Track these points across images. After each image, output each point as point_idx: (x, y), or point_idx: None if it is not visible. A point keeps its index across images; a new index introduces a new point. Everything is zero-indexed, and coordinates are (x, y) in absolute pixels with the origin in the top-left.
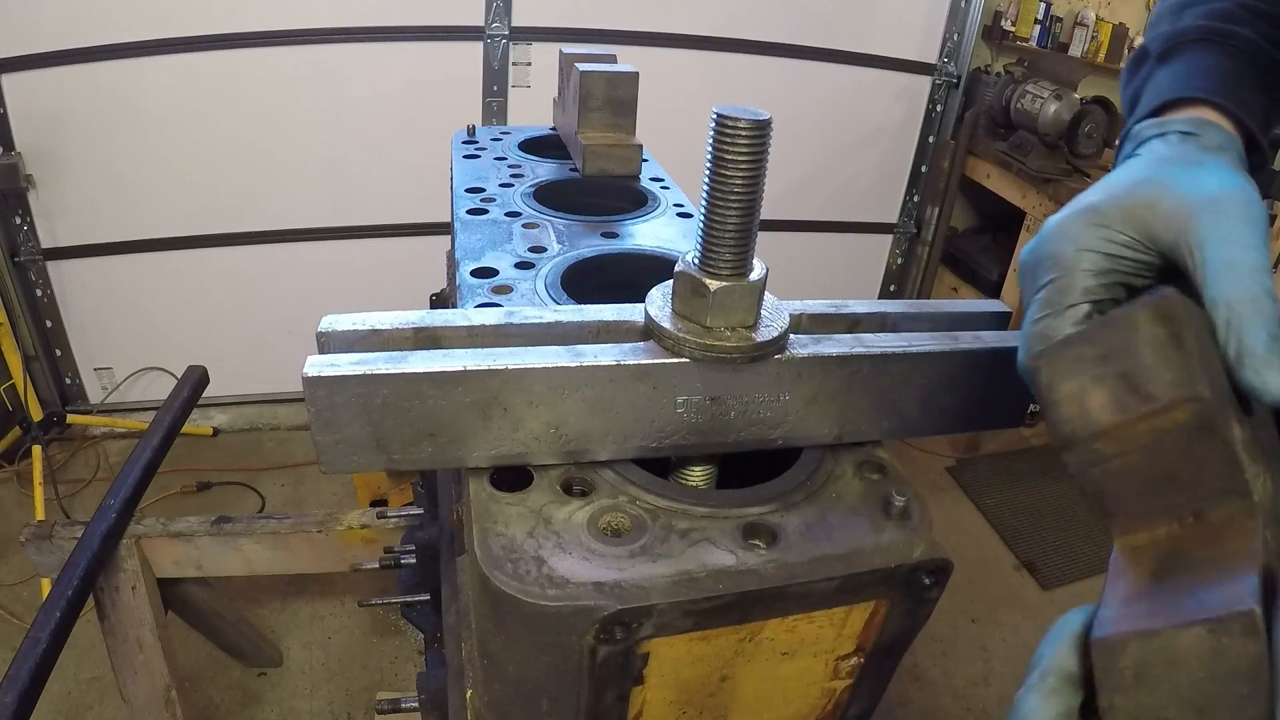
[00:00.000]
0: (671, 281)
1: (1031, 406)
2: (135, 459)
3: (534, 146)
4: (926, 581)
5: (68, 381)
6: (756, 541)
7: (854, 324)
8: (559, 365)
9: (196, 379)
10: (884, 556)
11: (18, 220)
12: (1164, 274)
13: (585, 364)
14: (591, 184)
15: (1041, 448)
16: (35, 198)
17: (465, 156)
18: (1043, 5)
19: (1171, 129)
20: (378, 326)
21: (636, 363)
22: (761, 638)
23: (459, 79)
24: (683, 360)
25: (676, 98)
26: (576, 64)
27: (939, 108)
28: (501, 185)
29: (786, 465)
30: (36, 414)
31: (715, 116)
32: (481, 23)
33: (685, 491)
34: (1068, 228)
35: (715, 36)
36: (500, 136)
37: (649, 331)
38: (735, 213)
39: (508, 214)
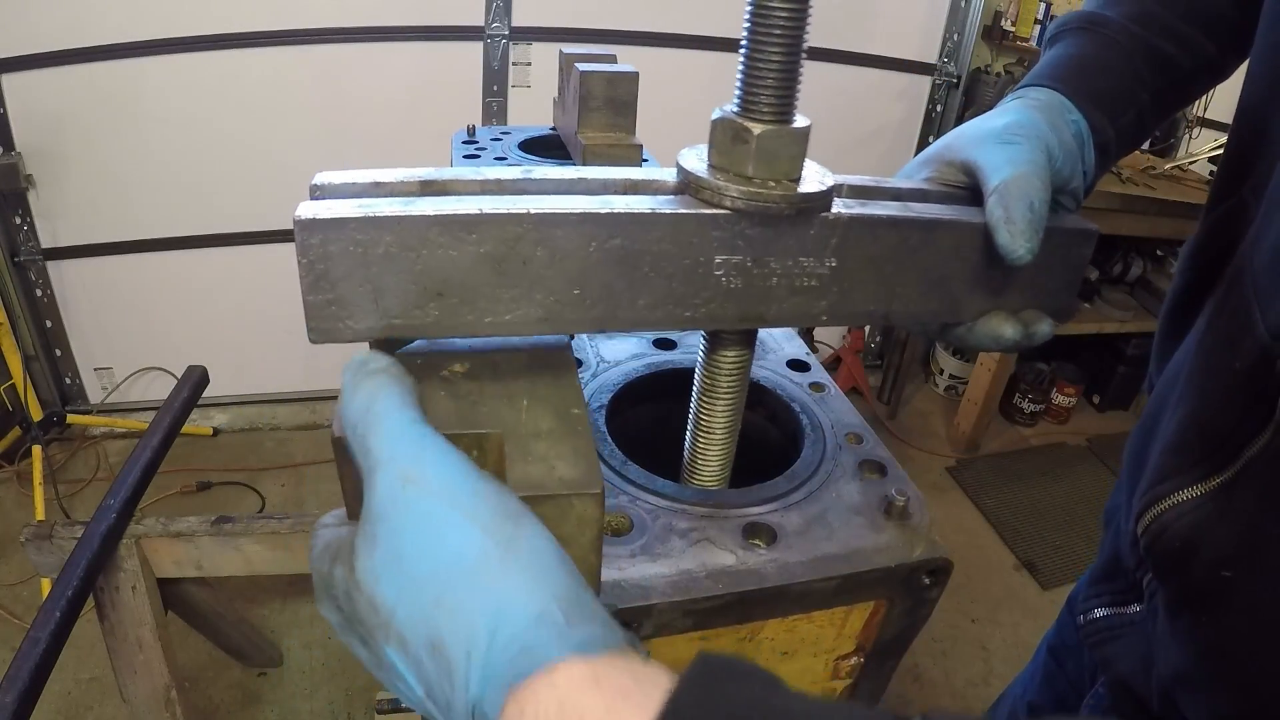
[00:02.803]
0: (707, 136)
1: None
2: (135, 459)
3: (534, 146)
4: (926, 581)
5: (68, 381)
6: (756, 541)
7: (896, 197)
8: (587, 211)
9: (196, 379)
10: (884, 556)
11: (18, 220)
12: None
13: (616, 211)
14: None
15: (1041, 447)
16: (35, 198)
17: (465, 156)
18: (1043, 5)
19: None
20: (381, 179)
21: (673, 211)
22: (761, 637)
23: (459, 79)
24: (723, 211)
25: (676, 98)
26: (576, 64)
27: (939, 108)
28: None
29: (787, 464)
30: (36, 414)
31: None
32: (481, 23)
33: (685, 491)
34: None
35: (715, 36)
36: (500, 136)
37: (684, 186)
38: (778, 49)
39: None
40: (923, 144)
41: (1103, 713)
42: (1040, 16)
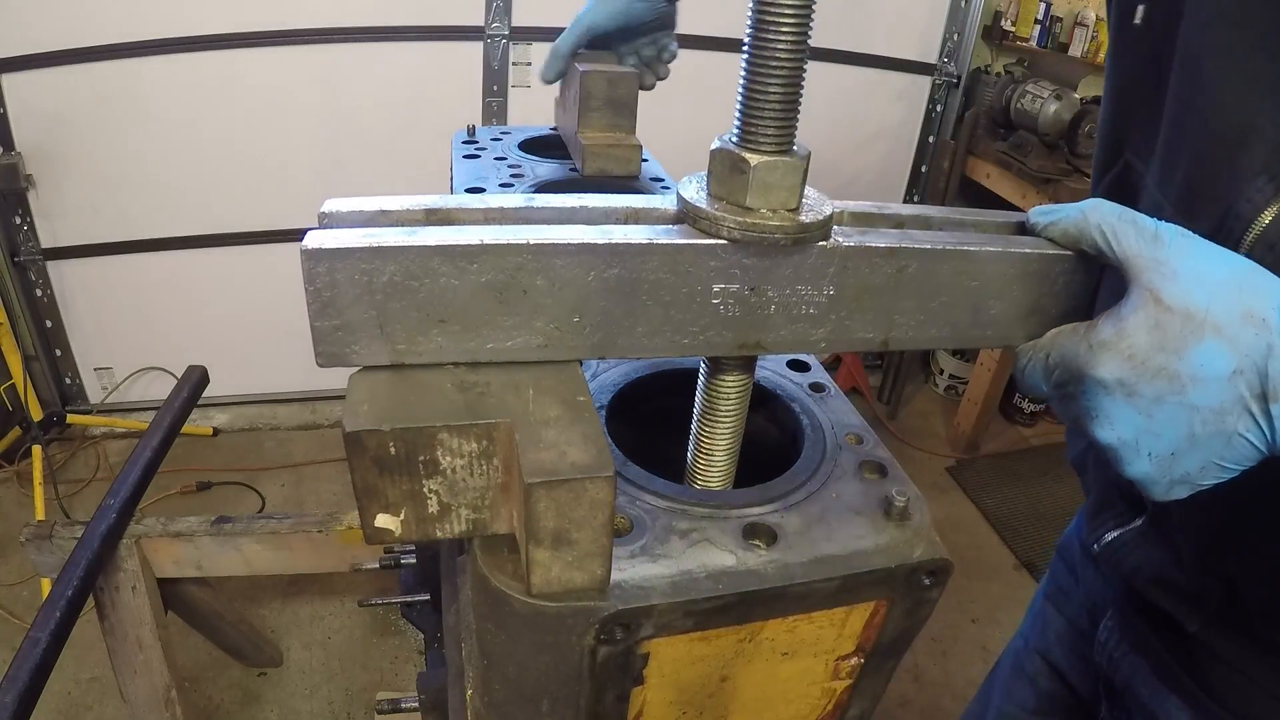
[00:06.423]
0: (706, 165)
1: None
2: (135, 459)
3: (534, 146)
4: (926, 581)
5: (68, 381)
6: (756, 542)
7: (898, 224)
8: (585, 241)
9: (196, 379)
10: (884, 556)
11: (18, 220)
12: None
13: (614, 241)
14: (591, 184)
15: (1041, 447)
16: (35, 198)
17: (465, 156)
18: (1043, 5)
19: None
20: (386, 208)
21: (670, 242)
22: (761, 638)
23: (459, 79)
24: (720, 241)
25: (677, 98)
26: (577, 64)
27: (939, 108)
28: (502, 185)
29: (787, 464)
30: (36, 414)
31: None
32: (481, 23)
33: (685, 491)
34: None
35: (715, 36)
36: (500, 136)
37: (683, 215)
38: (777, 82)
39: None
40: (923, 144)
41: (1120, 631)
42: (1040, 16)
